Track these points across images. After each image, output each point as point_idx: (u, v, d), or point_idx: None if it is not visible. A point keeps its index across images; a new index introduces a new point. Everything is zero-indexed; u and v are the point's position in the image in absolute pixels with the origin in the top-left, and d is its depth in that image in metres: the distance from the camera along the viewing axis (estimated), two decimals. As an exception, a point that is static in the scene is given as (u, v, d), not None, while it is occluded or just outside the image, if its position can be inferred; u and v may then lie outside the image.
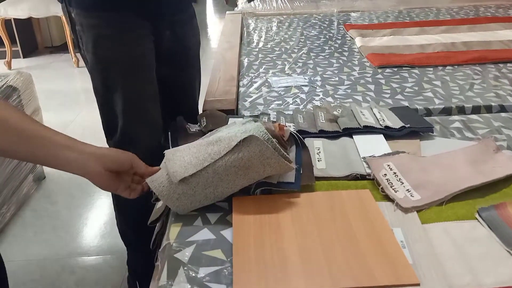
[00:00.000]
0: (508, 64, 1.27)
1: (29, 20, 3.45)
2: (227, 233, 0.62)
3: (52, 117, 2.19)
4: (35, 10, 3.19)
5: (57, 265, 1.39)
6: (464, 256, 0.54)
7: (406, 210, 0.63)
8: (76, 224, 1.56)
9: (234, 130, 0.69)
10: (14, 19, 3.32)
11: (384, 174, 0.69)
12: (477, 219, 0.60)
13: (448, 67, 1.27)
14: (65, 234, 1.46)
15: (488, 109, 1.02)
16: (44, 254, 1.43)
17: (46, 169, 1.81)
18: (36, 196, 1.68)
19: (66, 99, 2.56)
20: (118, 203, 1.17)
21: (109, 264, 1.40)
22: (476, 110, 1.02)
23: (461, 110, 1.02)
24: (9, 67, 3.38)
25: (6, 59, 3.37)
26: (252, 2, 2.17)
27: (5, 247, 1.43)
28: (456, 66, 1.28)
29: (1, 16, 3.20)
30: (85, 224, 1.52)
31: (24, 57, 3.59)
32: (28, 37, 3.69)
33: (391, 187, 0.67)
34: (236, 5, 2.40)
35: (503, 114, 0.94)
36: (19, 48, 3.54)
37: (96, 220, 1.59)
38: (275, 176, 0.68)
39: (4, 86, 1.48)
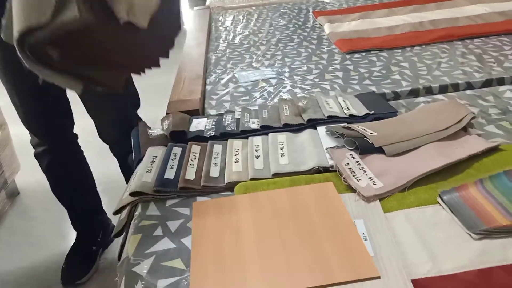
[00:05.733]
0: (475, 40, 1.26)
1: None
2: (187, 240, 0.60)
3: (19, 131, 2.13)
4: None
5: (34, 283, 1.35)
6: (425, 243, 0.53)
7: (368, 199, 0.61)
8: (54, 239, 1.52)
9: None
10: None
11: (347, 164, 0.68)
12: (439, 203, 0.59)
13: (416, 48, 1.26)
14: (43, 250, 1.42)
15: (455, 87, 1.01)
16: (20, 272, 1.39)
17: (20, 184, 1.76)
18: (10, 213, 1.64)
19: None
20: None
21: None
22: (443, 89, 1.01)
23: (428, 91, 1.01)
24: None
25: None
26: None
27: (-20, 269, 1.40)
28: (424, 46, 1.26)
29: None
30: (62, 237, 1.48)
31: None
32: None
33: (353, 176, 0.65)
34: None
35: (468, 92, 0.93)
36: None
37: (73, 233, 1.55)
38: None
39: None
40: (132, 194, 0.69)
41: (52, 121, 1.25)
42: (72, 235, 1.52)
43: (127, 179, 1.34)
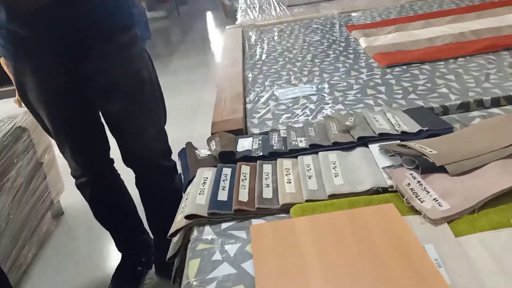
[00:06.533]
0: (523, 49, 1.21)
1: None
2: (248, 265, 0.59)
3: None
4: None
5: (81, 303, 1.37)
6: (505, 270, 0.49)
7: (435, 222, 0.58)
8: (98, 258, 1.55)
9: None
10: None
11: (408, 184, 0.65)
12: (514, 226, 0.55)
13: (460, 59, 1.22)
14: (88, 270, 1.45)
15: (508, 99, 0.97)
16: (66, 292, 1.42)
17: (64, 205, 1.81)
18: (56, 233, 1.68)
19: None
20: None
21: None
22: (495, 102, 0.97)
23: (479, 104, 0.97)
24: (20, 105, 3.43)
25: (16, 97, 3.42)
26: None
27: (29, 288, 1.43)
28: (468, 57, 1.23)
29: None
30: (106, 257, 1.50)
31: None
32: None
33: (416, 197, 0.63)
34: (236, 18, 2.39)
35: (525, 105, 0.89)
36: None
37: (117, 252, 1.56)
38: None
39: (13, 127, 1.49)
40: (187, 217, 0.69)
41: (95, 152, 1.27)
42: (116, 254, 1.54)
43: (151, 213, 1.34)
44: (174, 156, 1.32)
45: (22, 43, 1.02)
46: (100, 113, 1.23)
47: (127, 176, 1.37)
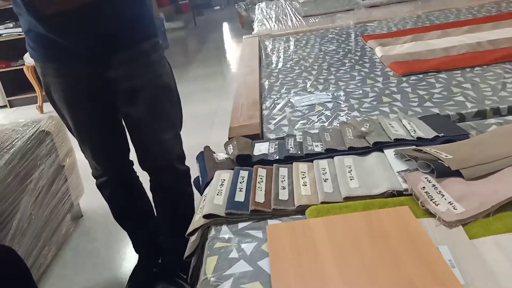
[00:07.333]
0: (541, 59, 1.21)
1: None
2: (264, 263, 0.60)
3: (83, 155, 2.25)
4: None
5: (100, 304, 1.40)
6: (521, 272, 0.50)
7: (450, 225, 0.59)
8: (116, 260, 1.57)
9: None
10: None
11: (423, 187, 0.66)
12: (530, 229, 0.56)
13: (476, 68, 1.23)
14: (106, 271, 1.47)
15: (526, 108, 0.97)
16: (85, 293, 1.45)
17: (83, 207, 1.85)
18: (75, 235, 1.72)
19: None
20: None
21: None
22: (512, 110, 0.97)
23: (496, 112, 0.98)
24: (41, 111, 3.54)
25: (38, 104, 3.53)
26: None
27: (48, 288, 1.46)
28: (485, 66, 1.23)
29: (30, 63, 3.38)
30: (123, 259, 1.53)
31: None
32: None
33: (431, 200, 0.63)
34: (252, 28, 2.44)
35: (542, 112, 0.89)
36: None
37: (134, 254, 1.59)
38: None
39: (37, 131, 1.54)
40: (205, 216, 0.71)
41: (116, 152, 1.30)
42: (133, 256, 1.57)
43: (162, 215, 1.36)
44: (189, 162, 1.35)
45: (50, 46, 1.07)
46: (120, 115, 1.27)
47: (143, 182, 1.40)
